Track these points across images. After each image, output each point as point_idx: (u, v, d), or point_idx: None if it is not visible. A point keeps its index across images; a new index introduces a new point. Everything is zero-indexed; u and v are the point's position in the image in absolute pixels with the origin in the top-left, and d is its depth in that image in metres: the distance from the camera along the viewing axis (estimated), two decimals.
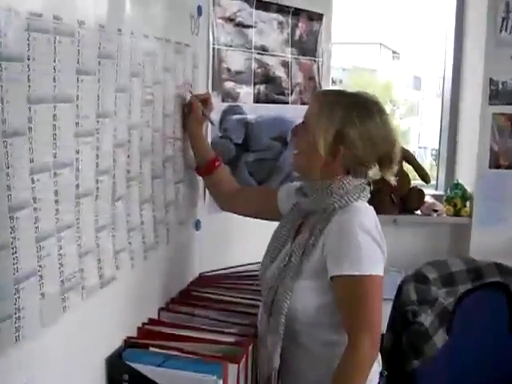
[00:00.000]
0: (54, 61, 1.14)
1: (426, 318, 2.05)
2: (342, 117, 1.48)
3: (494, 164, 3.08)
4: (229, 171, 2.03)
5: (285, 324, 1.49)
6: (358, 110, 1.49)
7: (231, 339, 1.57)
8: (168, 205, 1.76)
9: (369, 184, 1.57)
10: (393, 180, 1.58)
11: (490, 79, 2.99)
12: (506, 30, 2.95)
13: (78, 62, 1.23)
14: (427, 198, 3.32)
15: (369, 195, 1.57)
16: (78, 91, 1.23)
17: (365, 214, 1.50)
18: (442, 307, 2.08)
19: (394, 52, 23.70)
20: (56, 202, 1.18)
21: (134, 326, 1.62)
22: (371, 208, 1.55)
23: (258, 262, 2.21)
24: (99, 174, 1.35)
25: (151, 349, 1.50)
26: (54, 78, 1.14)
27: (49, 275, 1.17)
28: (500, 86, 3.00)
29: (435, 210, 3.23)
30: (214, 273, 2.11)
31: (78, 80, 1.23)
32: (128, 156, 1.49)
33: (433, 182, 3.56)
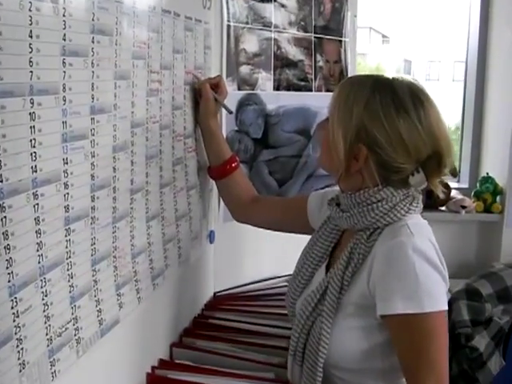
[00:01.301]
0: (31, 36, 0.80)
1: (481, 342, 1.76)
2: (365, 112, 1.15)
3: None
4: (246, 174, 1.70)
5: (322, 374, 1.16)
6: (387, 104, 1.14)
7: None
8: (179, 217, 1.44)
9: (419, 192, 1.22)
10: (441, 193, 1.22)
11: None
12: None
13: (63, 39, 0.89)
14: (453, 193, 3.01)
15: (422, 206, 1.23)
16: (65, 79, 0.90)
17: (419, 232, 1.14)
18: (497, 327, 1.78)
19: (383, 36, 23.45)
20: (38, 232, 0.85)
21: (142, 371, 1.29)
22: (425, 222, 1.21)
23: (278, 277, 1.92)
24: (95, 189, 1.02)
25: None
26: (31, 61, 0.80)
27: (31, 336, 0.84)
28: None
29: (463, 207, 2.91)
30: (230, 291, 1.80)
31: (64, 64, 0.90)
32: (132, 162, 1.16)
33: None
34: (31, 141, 0.82)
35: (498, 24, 2.93)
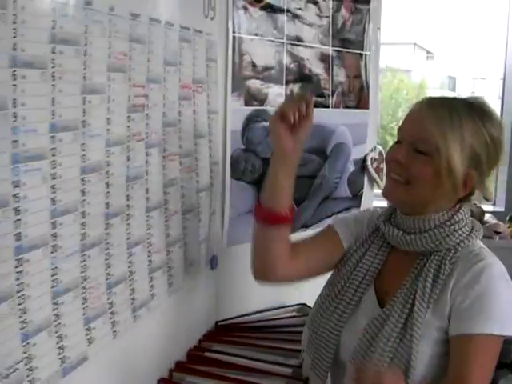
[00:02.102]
0: None
1: None
2: (474, 138, 1.11)
3: None
4: (254, 196, 1.59)
5: None
6: (487, 128, 1.12)
7: None
8: (172, 243, 1.33)
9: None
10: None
11: None
12: None
13: (14, 49, 0.80)
14: (487, 217, 2.83)
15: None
16: (17, 94, 0.81)
17: (493, 255, 1.15)
18: None
19: (428, 52, 23.14)
20: None
21: None
22: None
23: (285, 306, 1.79)
24: (57, 214, 0.92)
25: None
26: None
27: None
28: None
29: (497, 232, 2.73)
30: (233, 320, 1.68)
31: (14, 77, 0.80)
32: (107, 184, 1.06)
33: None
34: None
35: None
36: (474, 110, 1.12)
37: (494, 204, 3.10)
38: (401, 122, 1.18)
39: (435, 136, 1.09)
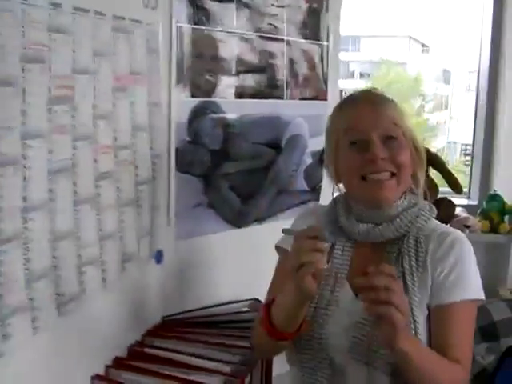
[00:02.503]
0: None
1: None
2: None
3: None
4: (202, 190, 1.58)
5: None
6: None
7: None
8: (105, 237, 1.31)
9: None
10: None
11: None
12: None
13: None
14: (458, 211, 2.81)
15: None
16: None
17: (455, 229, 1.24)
18: (479, 368, 1.61)
19: (423, 45, 23.13)
20: None
21: None
22: None
23: (237, 302, 1.77)
24: None
25: None
26: None
27: None
28: None
29: (467, 226, 2.71)
30: (181, 316, 1.66)
31: None
32: (24, 178, 1.03)
33: (464, 189, 3.06)
34: None
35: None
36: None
37: (469, 198, 3.09)
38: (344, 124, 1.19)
39: (400, 122, 1.16)
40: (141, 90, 1.41)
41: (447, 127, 17.86)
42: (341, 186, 1.24)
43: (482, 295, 1.17)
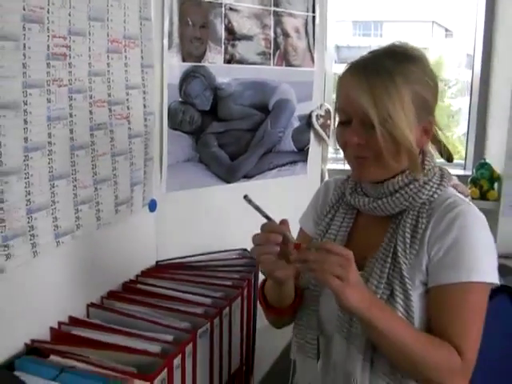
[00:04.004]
0: None
1: None
2: (410, 83, 1.12)
3: None
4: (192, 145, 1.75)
5: None
6: (416, 64, 1.15)
7: (156, 348, 1.28)
8: (99, 181, 1.48)
9: None
10: None
11: None
12: None
13: None
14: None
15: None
16: None
17: (469, 202, 1.15)
18: None
19: (446, 30, 22.80)
20: None
21: (46, 325, 1.35)
22: None
23: (232, 250, 1.94)
24: None
25: (51, 357, 1.23)
26: None
27: None
28: None
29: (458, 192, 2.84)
30: (174, 261, 1.84)
31: None
32: (25, 121, 1.21)
33: (461, 161, 3.19)
34: None
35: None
36: (400, 60, 1.10)
37: (464, 169, 3.21)
38: (337, 97, 1.16)
39: (377, 110, 1.06)
40: (134, 52, 1.58)
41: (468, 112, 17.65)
42: None
43: (490, 278, 1.08)
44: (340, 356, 1.14)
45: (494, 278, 1.08)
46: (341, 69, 1.17)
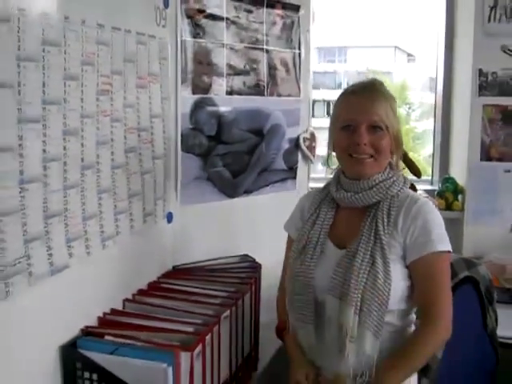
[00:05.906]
0: None
1: None
2: (395, 104, 1.58)
3: (486, 156, 2.97)
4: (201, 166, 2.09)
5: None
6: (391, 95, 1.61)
7: (190, 329, 1.56)
8: (132, 195, 1.76)
9: None
10: None
11: (479, 70, 2.88)
12: (494, 20, 2.87)
13: (18, 49, 1.23)
14: (419, 193, 3.25)
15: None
16: (20, 78, 1.24)
17: (423, 197, 1.57)
18: None
19: (409, 55, 23.54)
20: None
21: (94, 315, 1.62)
22: None
23: (236, 256, 2.22)
24: (46, 160, 1.35)
25: (106, 337, 1.50)
26: None
27: None
28: (490, 77, 2.90)
29: None
30: (188, 265, 2.11)
31: (19, 66, 1.24)
32: (82, 144, 1.49)
33: (428, 177, 3.53)
34: None
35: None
36: (384, 86, 1.55)
37: (432, 184, 3.54)
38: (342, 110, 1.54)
39: (385, 118, 1.48)
40: (156, 87, 1.88)
41: (434, 135, 18.13)
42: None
43: (448, 247, 1.45)
44: (333, 312, 1.44)
45: (451, 248, 1.47)
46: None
